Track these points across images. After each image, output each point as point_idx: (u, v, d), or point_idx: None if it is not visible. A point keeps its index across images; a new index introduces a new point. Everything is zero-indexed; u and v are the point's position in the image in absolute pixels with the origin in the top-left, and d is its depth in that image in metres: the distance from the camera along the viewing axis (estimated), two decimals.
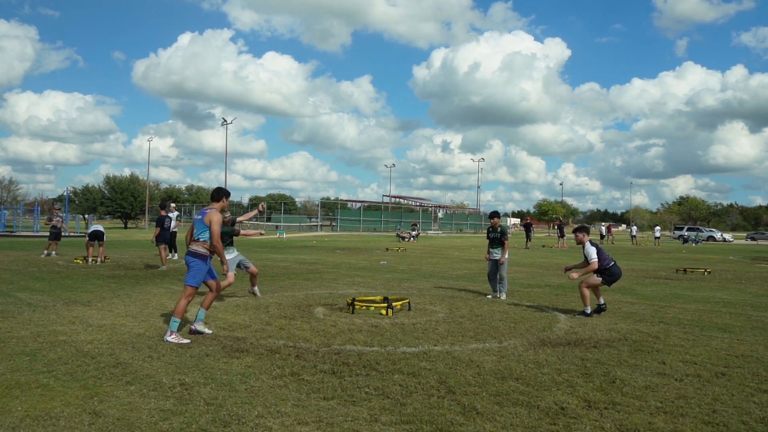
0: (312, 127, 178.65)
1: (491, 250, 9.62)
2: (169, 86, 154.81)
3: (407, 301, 8.11)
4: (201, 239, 6.07)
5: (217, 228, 6.02)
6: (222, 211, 6.35)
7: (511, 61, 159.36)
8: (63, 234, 17.41)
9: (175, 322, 5.83)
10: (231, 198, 7.56)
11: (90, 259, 14.70)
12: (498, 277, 9.49)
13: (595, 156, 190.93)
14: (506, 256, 9.47)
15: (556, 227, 37.66)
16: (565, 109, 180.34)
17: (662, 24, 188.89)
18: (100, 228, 15.18)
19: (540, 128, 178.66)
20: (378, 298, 8.22)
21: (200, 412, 3.72)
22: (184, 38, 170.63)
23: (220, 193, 6.33)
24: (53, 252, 16.78)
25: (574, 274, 7.71)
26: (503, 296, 9.42)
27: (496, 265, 9.49)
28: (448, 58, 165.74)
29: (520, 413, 3.81)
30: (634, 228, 46.58)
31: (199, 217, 6.15)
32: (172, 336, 5.75)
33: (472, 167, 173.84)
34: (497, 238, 9.57)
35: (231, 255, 8.50)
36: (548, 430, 3.55)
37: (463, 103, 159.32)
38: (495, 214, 9.87)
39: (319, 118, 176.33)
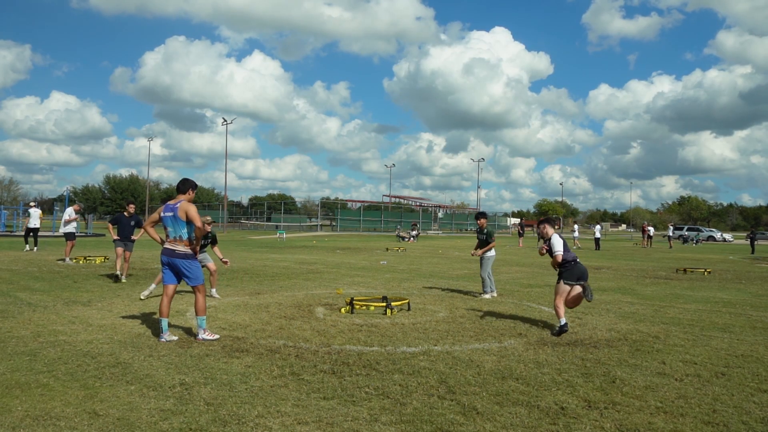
0: (297, 130, 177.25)
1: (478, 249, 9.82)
2: (158, 90, 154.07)
3: (407, 301, 8.10)
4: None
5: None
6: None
7: (481, 66, 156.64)
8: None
9: (203, 319, 5.89)
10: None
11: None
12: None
13: (587, 158, 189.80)
14: (488, 254, 9.56)
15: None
16: (536, 112, 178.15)
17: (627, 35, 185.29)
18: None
19: (521, 132, 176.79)
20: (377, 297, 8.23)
21: (200, 412, 3.72)
22: (172, 43, 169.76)
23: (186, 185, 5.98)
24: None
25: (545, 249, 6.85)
26: (485, 296, 9.47)
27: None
28: (419, 65, 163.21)
29: (520, 413, 3.81)
30: (652, 229, 45.12)
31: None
32: (206, 333, 5.84)
33: (462, 168, 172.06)
34: (483, 239, 9.71)
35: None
36: (548, 430, 3.55)
37: (447, 108, 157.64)
38: (481, 215, 9.94)
39: (303, 121, 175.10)
